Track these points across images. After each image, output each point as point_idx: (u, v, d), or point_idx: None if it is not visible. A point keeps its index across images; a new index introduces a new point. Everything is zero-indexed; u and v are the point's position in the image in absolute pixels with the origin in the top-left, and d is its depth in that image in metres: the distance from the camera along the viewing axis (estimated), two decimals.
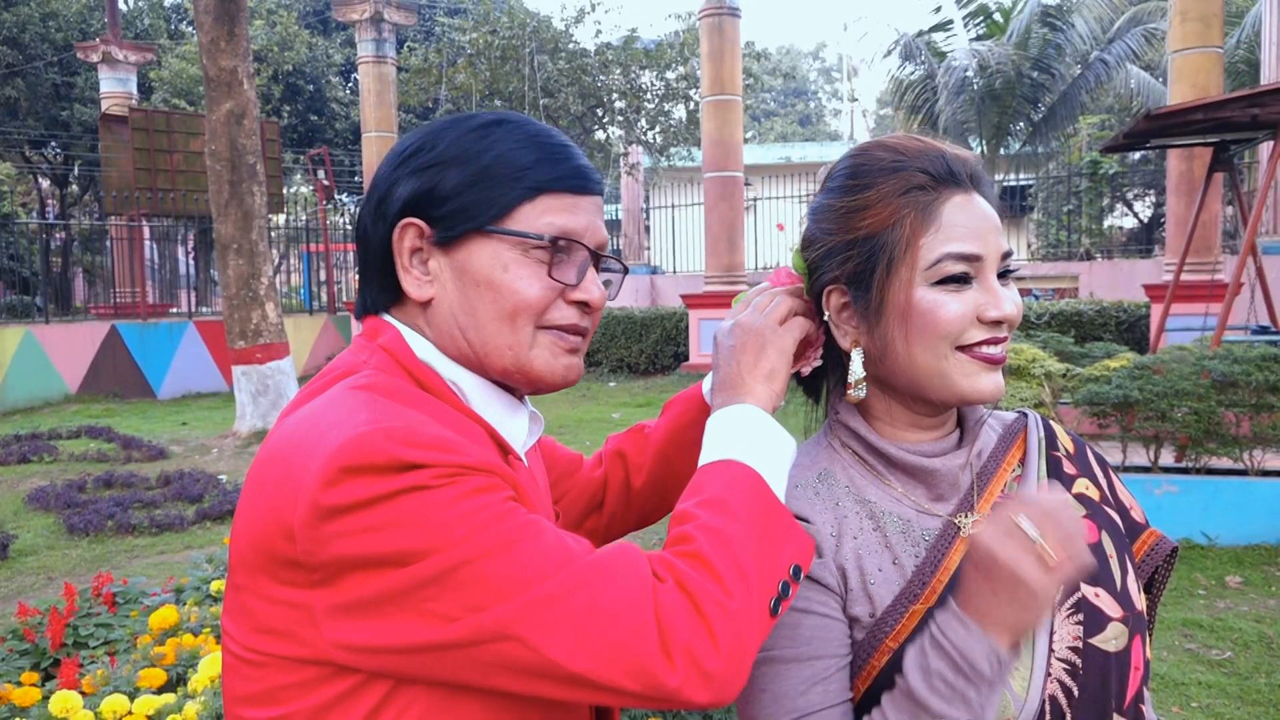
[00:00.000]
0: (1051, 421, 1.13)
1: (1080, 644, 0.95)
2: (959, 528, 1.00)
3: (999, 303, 0.95)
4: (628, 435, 1.31)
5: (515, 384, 0.99)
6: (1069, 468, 1.08)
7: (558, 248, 0.94)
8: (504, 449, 0.97)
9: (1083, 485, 1.07)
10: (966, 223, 0.96)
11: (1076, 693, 0.93)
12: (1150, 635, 1.10)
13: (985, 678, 0.84)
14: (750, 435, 0.94)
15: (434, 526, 0.78)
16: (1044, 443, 1.09)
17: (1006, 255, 0.98)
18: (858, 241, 0.99)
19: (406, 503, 0.79)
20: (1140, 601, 1.02)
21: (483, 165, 0.94)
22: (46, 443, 9.91)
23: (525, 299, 0.93)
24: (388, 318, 0.99)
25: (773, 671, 0.94)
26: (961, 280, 0.95)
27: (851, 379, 1.02)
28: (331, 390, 0.91)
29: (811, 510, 1.00)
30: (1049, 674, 0.93)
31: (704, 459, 0.95)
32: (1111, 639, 0.96)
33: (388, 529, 0.78)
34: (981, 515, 1.01)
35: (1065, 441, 1.11)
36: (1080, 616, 0.96)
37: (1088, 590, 0.98)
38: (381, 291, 0.99)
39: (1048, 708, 0.92)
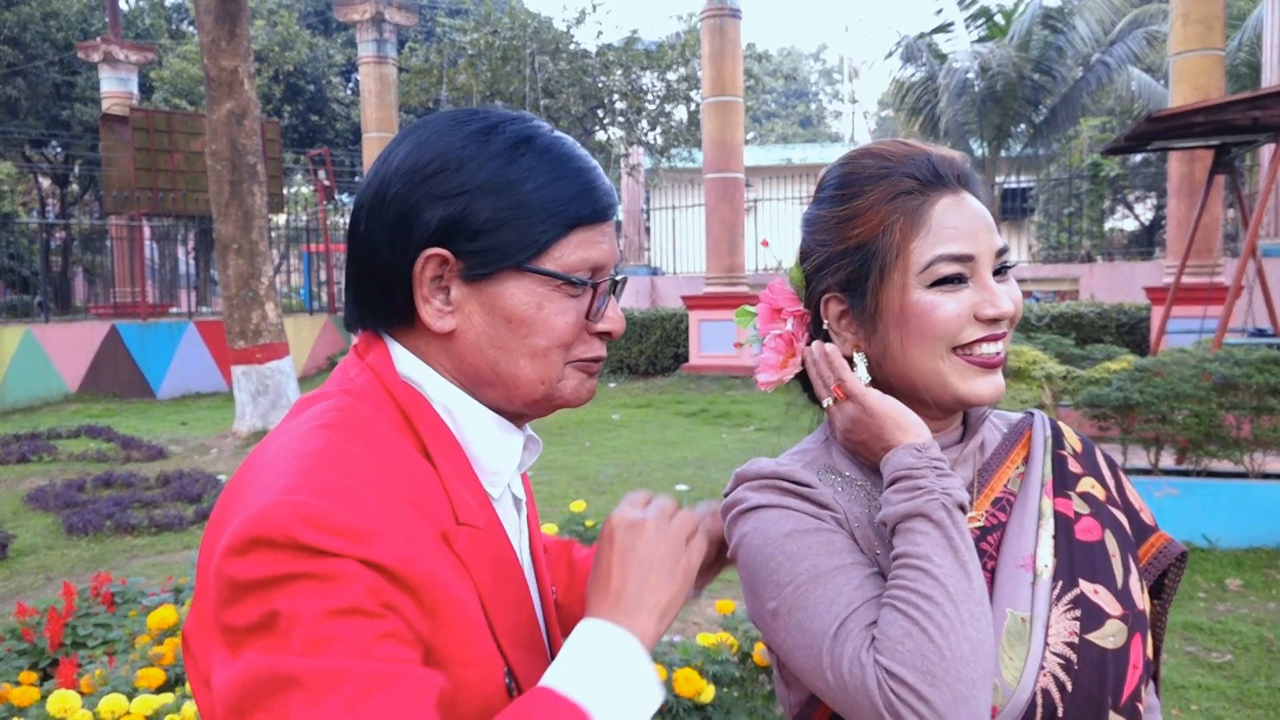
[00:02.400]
0: (1059, 423, 1.14)
1: (1076, 639, 0.95)
2: None
3: (996, 300, 0.97)
4: (556, 549, 1.25)
5: (539, 412, 0.97)
6: (1075, 466, 1.08)
7: (591, 285, 0.94)
8: (466, 501, 0.91)
9: (1088, 484, 1.07)
10: (957, 224, 0.97)
11: (1070, 687, 0.93)
12: (1160, 639, 1.11)
13: None
14: (616, 677, 0.85)
15: (296, 630, 0.75)
16: (1050, 442, 1.09)
17: (1001, 252, 0.99)
18: (850, 250, 1.01)
19: (287, 591, 0.76)
20: (1142, 601, 1.02)
21: (518, 200, 0.90)
22: (46, 442, 9.90)
23: (560, 338, 0.93)
24: (384, 335, 0.96)
25: (805, 591, 0.94)
26: (956, 281, 0.97)
27: (863, 381, 1.03)
28: (300, 420, 0.89)
29: (817, 485, 1.02)
30: (1043, 667, 0.93)
31: (552, 676, 0.85)
32: (1109, 636, 0.97)
33: (260, 613, 0.76)
34: (978, 511, 1.03)
35: (1073, 441, 1.12)
36: (1078, 612, 0.96)
37: (1087, 587, 0.98)
38: (385, 311, 0.94)
39: (1039, 700, 0.92)
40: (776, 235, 23.34)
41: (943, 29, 20.48)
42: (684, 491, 7.35)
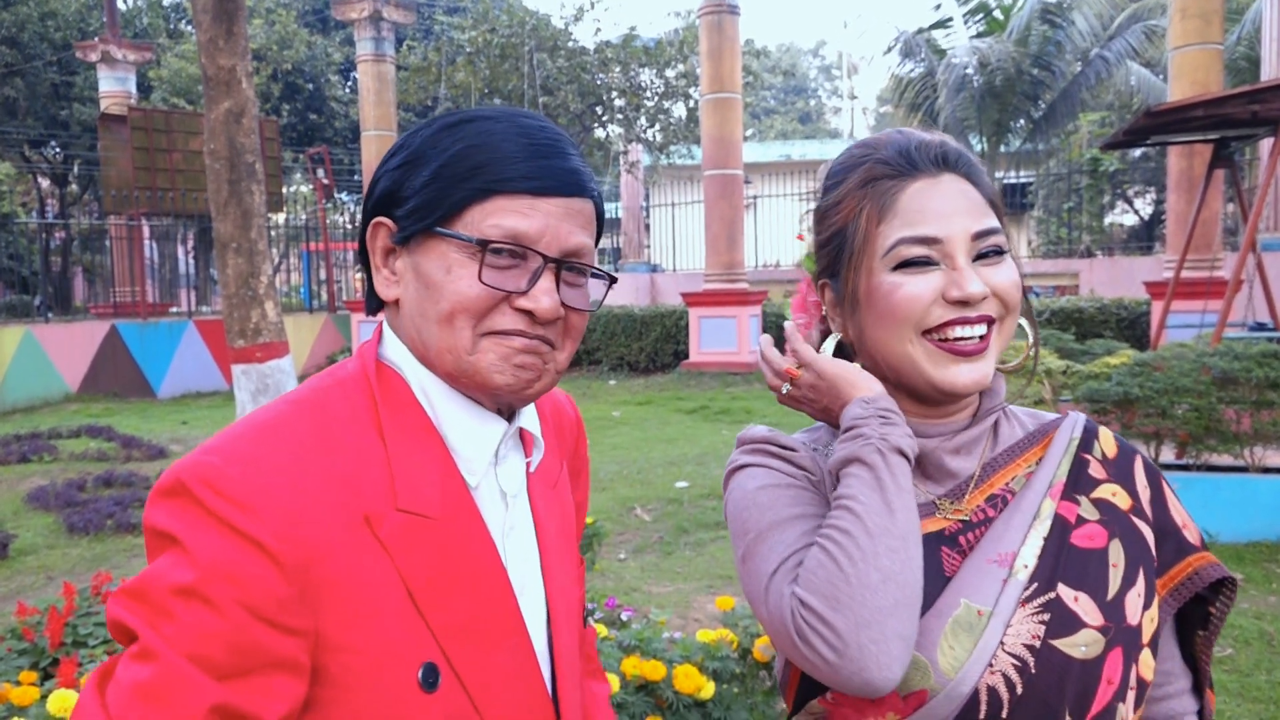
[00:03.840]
0: (1102, 427, 1.09)
1: (1038, 643, 0.92)
2: (936, 508, 1.01)
3: (962, 282, 0.95)
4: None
5: (468, 390, 0.94)
6: (1098, 471, 1.04)
7: (493, 250, 0.90)
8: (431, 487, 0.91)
9: (1109, 491, 1.03)
10: (925, 206, 0.97)
11: (1020, 690, 0.91)
12: (1204, 671, 1.06)
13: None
14: None
15: (149, 595, 0.81)
16: (1076, 444, 1.05)
17: (984, 234, 0.97)
18: (831, 238, 1.04)
19: (161, 554, 0.82)
20: (1139, 618, 0.97)
21: (441, 164, 0.92)
22: (46, 442, 9.90)
23: (460, 301, 0.90)
24: (381, 318, 1.01)
25: (762, 537, 0.99)
26: (924, 264, 0.96)
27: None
28: (277, 399, 0.94)
29: (799, 450, 1.07)
30: (991, 665, 0.91)
31: None
32: (1081, 645, 0.93)
33: (154, 551, 0.84)
34: (968, 506, 1.01)
35: (1107, 446, 1.07)
36: (1046, 616, 0.93)
37: (1066, 593, 0.95)
38: (370, 291, 1.00)
39: (984, 697, 0.91)
40: (776, 232, 23.37)
41: (941, 24, 20.48)
42: (684, 488, 7.35)
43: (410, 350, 0.95)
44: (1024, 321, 1.04)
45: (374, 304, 1.00)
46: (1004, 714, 0.91)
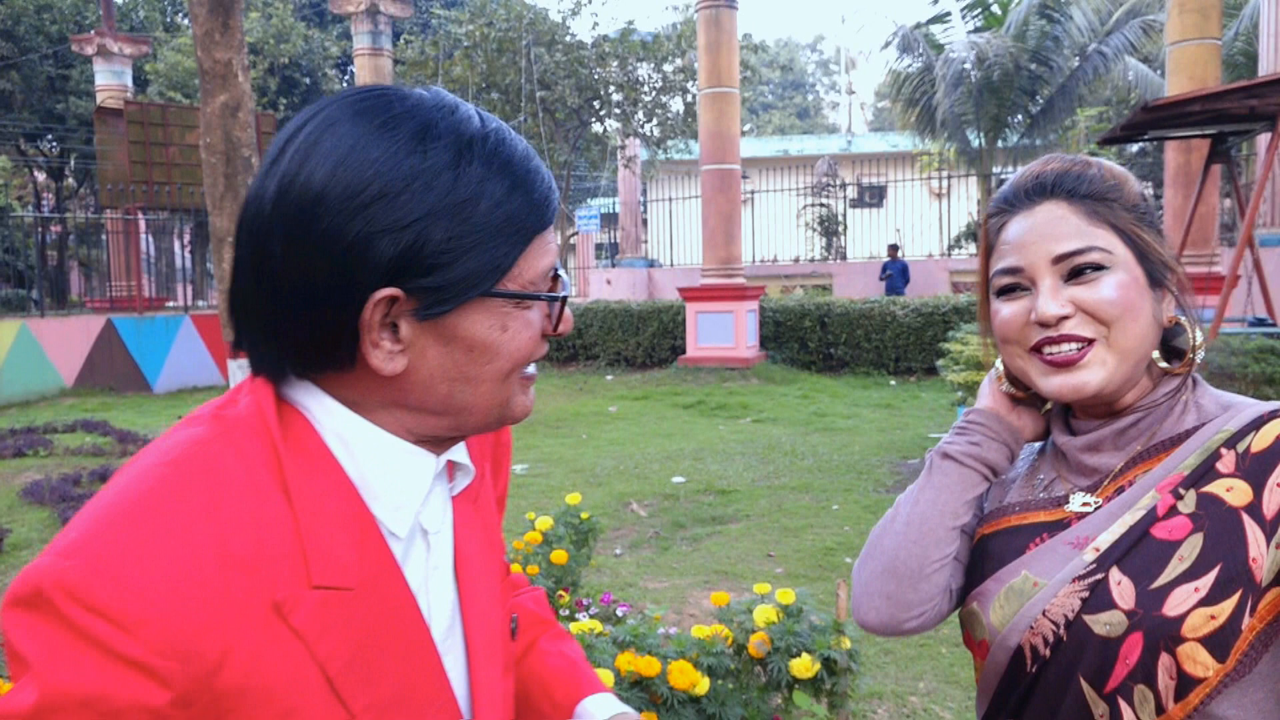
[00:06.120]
0: (1273, 421, 1.03)
1: (1072, 615, 1.01)
2: (1067, 500, 1.12)
3: (1039, 306, 1.06)
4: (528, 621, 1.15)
5: (486, 431, 0.87)
6: (1226, 466, 1.01)
7: (561, 298, 0.86)
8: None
9: (1225, 486, 1.00)
10: (1011, 239, 1.10)
11: (1048, 655, 1.03)
12: None
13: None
14: None
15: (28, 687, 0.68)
16: (1224, 437, 1.03)
17: (1066, 256, 1.06)
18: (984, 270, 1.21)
19: (19, 677, 0.69)
20: (1181, 611, 0.96)
21: (476, 222, 0.78)
22: (42, 437, 9.89)
23: (526, 356, 0.84)
24: (298, 385, 0.82)
25: None
26: (1016, 290, 1.10)
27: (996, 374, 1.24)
28: (156, 447, 0.77)
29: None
30: (1032, 627, 1.04)
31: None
32: (1104, 623, 0.98)
33: (11, 669, 0.70)
34: (1094, 498, 1.09)
35: (1260, 441, 1.02)
36: (1087, 594, 1.01)
37: (1115, 575, 1.00)
38: (317, 358, 0.79)
39: (1028, 653, 1.05)
40: (773, 228, 23.35)
41: (939, 19, 20.46)
42: (680, 484, 7.35)
43: (381, 405, 0.82)
44: (1184, 318, 1.10)
45: (276, 367, 0.81)
46: (1033, 672, 1.05)
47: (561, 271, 0.88)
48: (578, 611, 3.44)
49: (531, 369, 0.88)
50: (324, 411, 0.81)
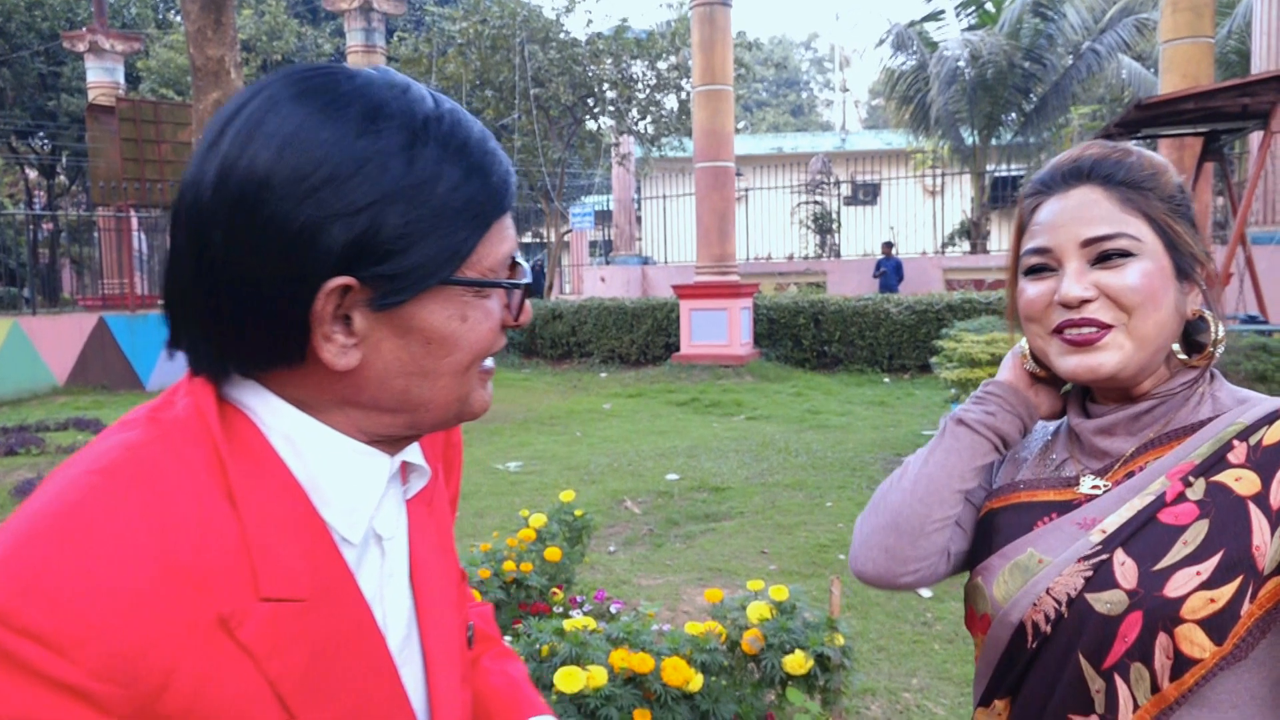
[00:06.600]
0: None
1: (1074, 593, 1.02)
2: (1077, 481, 1.13)
3: (1063, 287, 1.08)
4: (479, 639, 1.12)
5: (443, 428, 0.84)
6: (1237, 457, 1.02)
7: (524, 286, 0.83)
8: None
9: (1234, 476, 1.01)
10: (1043, 220, 1.12)
11: (1049, 632, 1.04)
12: None
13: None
14: None
15: None
16: (1238, 429, 1.04)
17: (1095, 240, 1.07)
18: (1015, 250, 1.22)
19: None
20: (1181, 593, 0.97)
21: (434, 205, 0.73)
22: (33, 435, 9.85)
23: (486, 348, 0.80)
24: (241, 384, 0.77)
25: None
26: (1043, 270, 1.11)
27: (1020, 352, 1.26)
28: (86, 454, 0.71)
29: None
30: (1036, 604, 1.05)
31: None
32: (1106, 602, 1.00)
33: None
34: (1104, 481, 1.10)
35: (1273, 435, 1.03)
36: (1090, 573, 1.02)
37: (1119, 556, 1.01)
38: (261, 354, 0.75)
39: (1029, 630, 1.06)
40: (768, 225, 23.35)
41: (933, 17, 20.51)
42: (674, 481, 7.36)
43: (332, 403, 0.78)
44: (1208, 313, 1.11)
45: (215, 365, 0.76)
46: (1033, 647, 1.07)
47: (520, 258, 0.84)
48: (571, 608, 3.44)
49: (489, 362, 0.84)
50: (270, 411, 0.76)
